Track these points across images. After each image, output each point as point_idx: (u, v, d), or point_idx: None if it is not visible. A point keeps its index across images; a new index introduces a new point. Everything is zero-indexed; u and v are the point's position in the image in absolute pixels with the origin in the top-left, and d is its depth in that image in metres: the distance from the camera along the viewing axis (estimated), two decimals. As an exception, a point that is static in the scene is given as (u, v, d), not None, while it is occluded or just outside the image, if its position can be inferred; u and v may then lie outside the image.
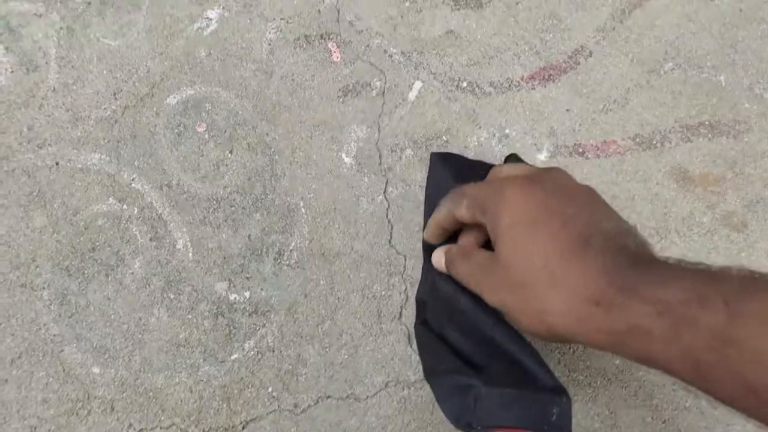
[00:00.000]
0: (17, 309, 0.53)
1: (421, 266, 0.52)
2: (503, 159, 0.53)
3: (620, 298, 0.32)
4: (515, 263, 0.36)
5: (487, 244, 0.42)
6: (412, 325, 0.53)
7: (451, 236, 0.46)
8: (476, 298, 0.41)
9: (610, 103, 0.58)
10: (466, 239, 0.44)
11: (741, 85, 0.58)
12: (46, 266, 0.54)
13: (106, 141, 0.57)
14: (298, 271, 0.54)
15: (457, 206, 0.42)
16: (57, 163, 0.56)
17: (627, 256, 0.34)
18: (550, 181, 0.39)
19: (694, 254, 0.54)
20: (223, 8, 0.60)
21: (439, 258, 0.46)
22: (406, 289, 0.54)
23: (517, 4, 0.60)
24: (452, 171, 0.50)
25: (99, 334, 0.53)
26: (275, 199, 0.56)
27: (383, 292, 0.54)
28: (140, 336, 0.53)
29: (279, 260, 0.54)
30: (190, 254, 0.54)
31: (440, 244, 0.47)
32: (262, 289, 0.54)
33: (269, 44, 0.59)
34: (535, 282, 0.35)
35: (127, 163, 0.56)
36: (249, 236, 0.55)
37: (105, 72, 0.58)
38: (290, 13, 0.60)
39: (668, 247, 0.55)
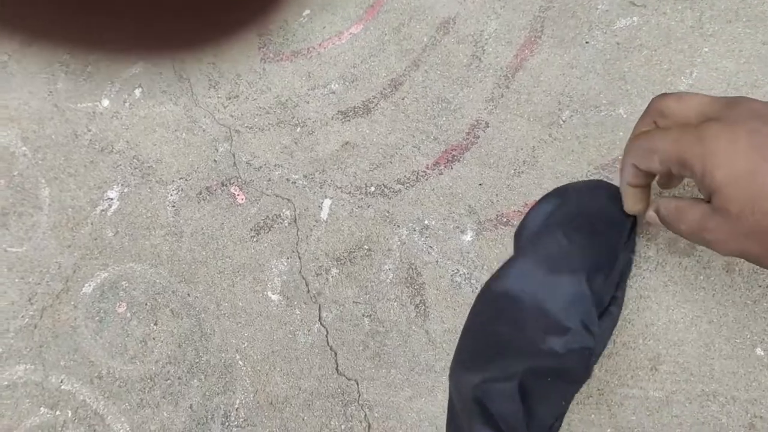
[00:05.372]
0: None
1: (372, 389, 0.49)
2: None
3: None
4: (747, 213, 0.35)
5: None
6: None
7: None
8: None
9: (519, 165, 0.57)
10: (640, 193, 0.44)
11: (641, 112, 0.57)
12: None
13: (28, 350, 0.54)
14: (249, 429, 0.50)
15: (648, 162, 0.40)
16: (-18, 387, 0.53)
17: None
18: (746, 117, 0.37)
19: (650, 291, 0.51)
20: (122, 185, 0.60)
21: (652, 217, 0.44)
22: (365, 415, 0.50)
23: (403, 99, 0.61)
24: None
25: None
26: (210, 359, 0.53)
27: (342, 426, 0.50)
28: None
29: (227, 423, 0.51)
30: (134, 443, 0.51)
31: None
32: (212, 461, 0.50)
33: (173, 206, 0.59)
34: None
35: (53, 366, 0.54)
36: (191, 406, 0.51)
37: (17, 280, 0.57)
38: (187, 170, 0.60)
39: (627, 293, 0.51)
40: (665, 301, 0.51)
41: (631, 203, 0.45)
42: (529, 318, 0.43)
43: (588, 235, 0.46)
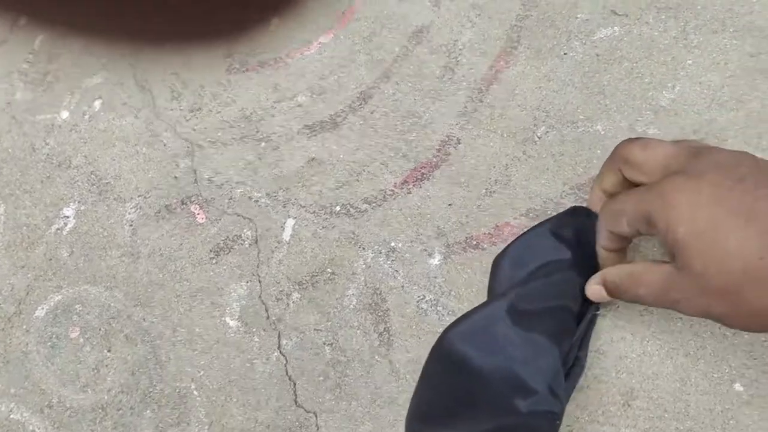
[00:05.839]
0: None
1: (331, 422, 0.47)
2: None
3: None
4: (711, 272, 0.34)
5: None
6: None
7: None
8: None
9: (491, 184, 0.54)
10: (616, 257, 0.43)
11: (620, 128, 0.54)
12: None
13: (-23, 376, 0.52)
14: (202, 463, 0.48)
15: (617, 225, 0.40)
16: (-71, 415, 0.51)
17: None
18: (710, 168, 0.35)
19: (625, 321, 0.49)
20: (79, 202, 0.58)
21: (596, 291, 0.43)
22: (324, 450, 0.48)
23: (372, 113, 0.58)
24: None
25: None
26: (164, 389, 0.51)
27: (299, 462, 0.48)
28: None
29: (179, 457, 0.48)
30: (84, 477, 0.49)
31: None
32: (163, 498, 0.48)
33: (131, 225, 0.56)
34: (740, 286, 0.33)
35: (2, 393, 0.52)
36: (143, 439, 0.49)
37: (-32, 302, 0.55)
38: (146, 187, 0.58)
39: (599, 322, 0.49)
40: (640, 332, 0.48)
41: (603, 261, 0.44)
42: (495, 375, 0.40)
43: (570, 293, 0.44)
